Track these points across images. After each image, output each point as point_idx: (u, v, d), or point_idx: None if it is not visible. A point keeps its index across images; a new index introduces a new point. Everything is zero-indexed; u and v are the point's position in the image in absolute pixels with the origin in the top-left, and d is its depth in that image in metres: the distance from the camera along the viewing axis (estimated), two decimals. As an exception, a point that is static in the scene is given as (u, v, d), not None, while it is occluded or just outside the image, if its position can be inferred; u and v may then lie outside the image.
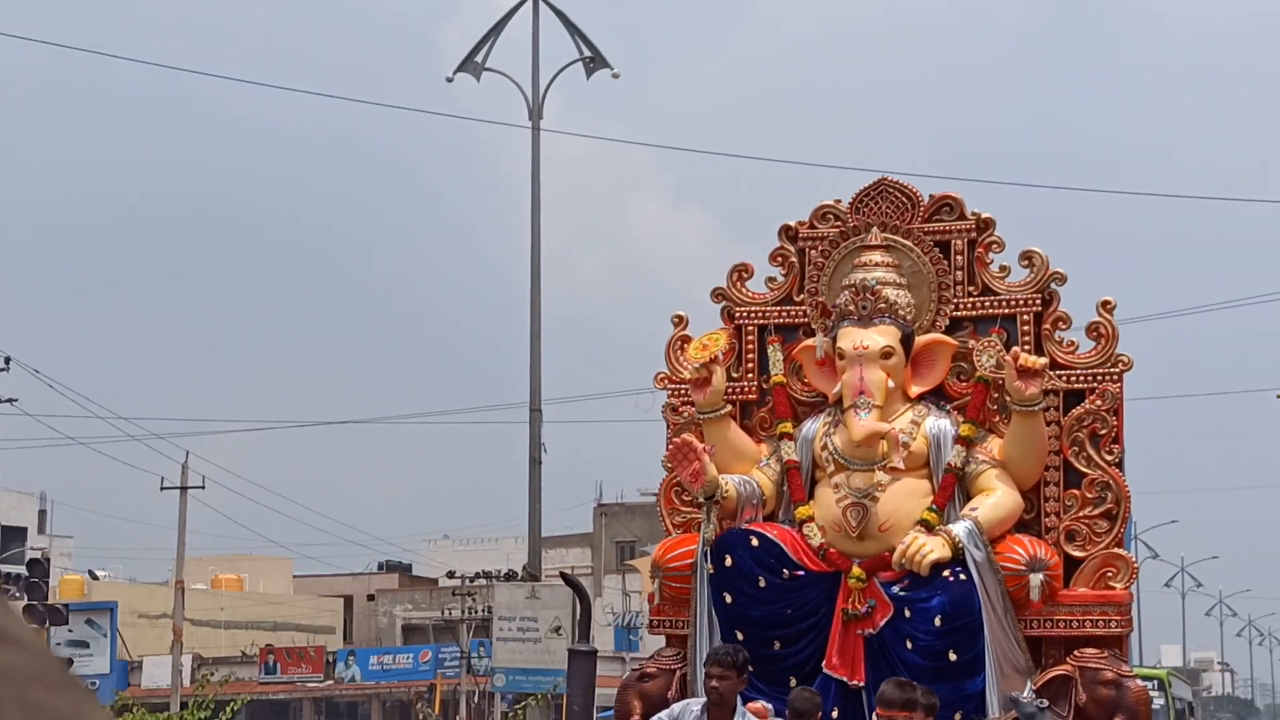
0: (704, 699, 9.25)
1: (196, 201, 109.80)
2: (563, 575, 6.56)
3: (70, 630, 43.45)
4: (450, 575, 52.68)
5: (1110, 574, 10.50)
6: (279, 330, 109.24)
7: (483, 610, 46.55)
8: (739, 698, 9.17)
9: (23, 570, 38.18)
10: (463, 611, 49.46)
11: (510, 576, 43.61)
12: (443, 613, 52.73)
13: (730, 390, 11.12)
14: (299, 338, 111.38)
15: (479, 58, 33.45)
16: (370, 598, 58.27)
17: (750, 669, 9.38)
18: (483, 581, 49.64)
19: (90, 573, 55.96)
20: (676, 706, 9.51)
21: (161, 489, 42.66)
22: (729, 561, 10.53)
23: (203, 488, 42.97)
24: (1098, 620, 10.40)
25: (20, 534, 60.63)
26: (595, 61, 33.49)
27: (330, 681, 51.09)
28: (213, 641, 52.31)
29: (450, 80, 33.61)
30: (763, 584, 10.49)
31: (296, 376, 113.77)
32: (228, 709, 15.88)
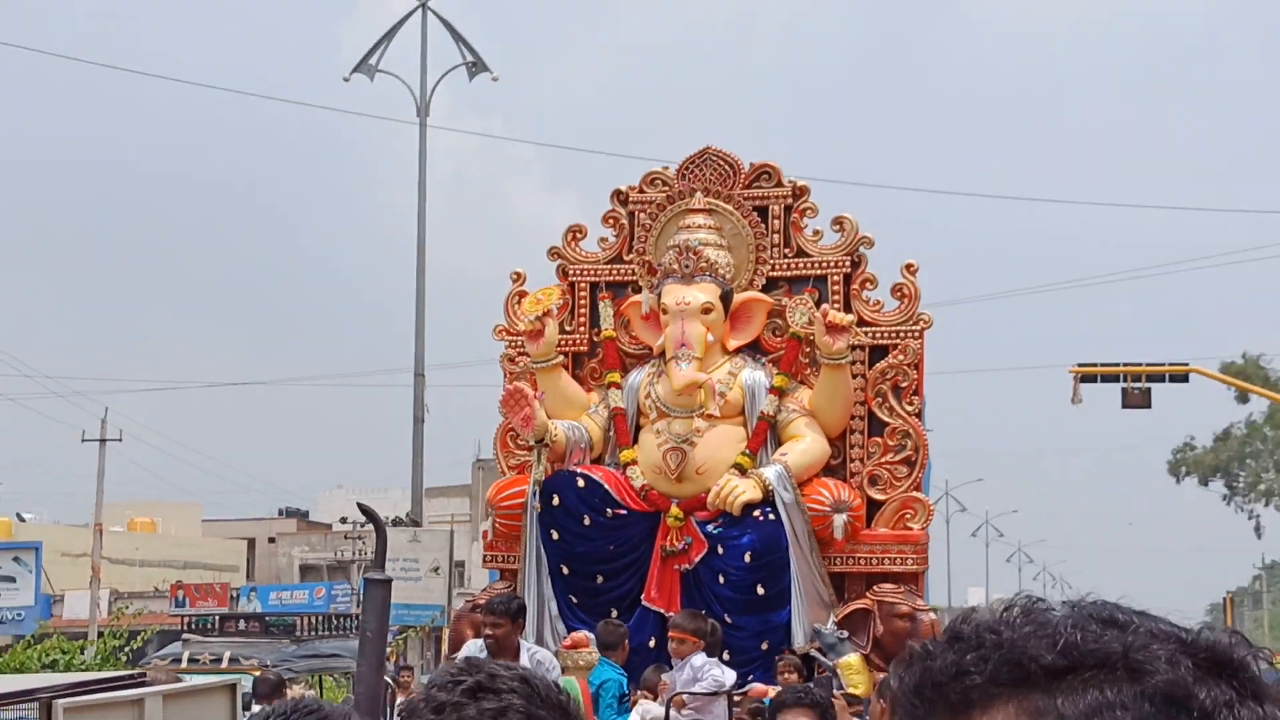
0: (482, 640, 8.47)
1: (116, 174, 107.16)
2: (360, 506, 5.87)
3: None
4: (343, 521, 51.80)
5: (909, 515, 10.06)
6: (189, 296, 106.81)
7: (371, 552, 45.73)
8: (521, 642, 8.33)
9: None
10: (353, 553, 48.66)
11: (396, 523, 42.75)
12: (336, 554, 51.87)
13: (563, 342, 10.55)
14: (208, 304, 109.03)
15: (373, 60, 32.65)
16: (271, 540, 57.14)
17: (524, 615, 8.59)
18: (371, 527, 48.67)
19: (18, 515, 54.34)
20: (460, 652, 8.71)
21: (83, 441, 41.47)
22: (556, 501, 9.97)
23: (120, 440, 41.85)
24: (896, 558, 9.96)
25: (-50, 482, 58.82)
26: (477, 65, 32.85)
27: (234, 614, 50.00)
28: (128, 578, 51.02)
29: (347, 80, 32.81)
30: (587, 522, 9.94)
31: (206, 340, 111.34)
32: (139, 638, 15.17)
